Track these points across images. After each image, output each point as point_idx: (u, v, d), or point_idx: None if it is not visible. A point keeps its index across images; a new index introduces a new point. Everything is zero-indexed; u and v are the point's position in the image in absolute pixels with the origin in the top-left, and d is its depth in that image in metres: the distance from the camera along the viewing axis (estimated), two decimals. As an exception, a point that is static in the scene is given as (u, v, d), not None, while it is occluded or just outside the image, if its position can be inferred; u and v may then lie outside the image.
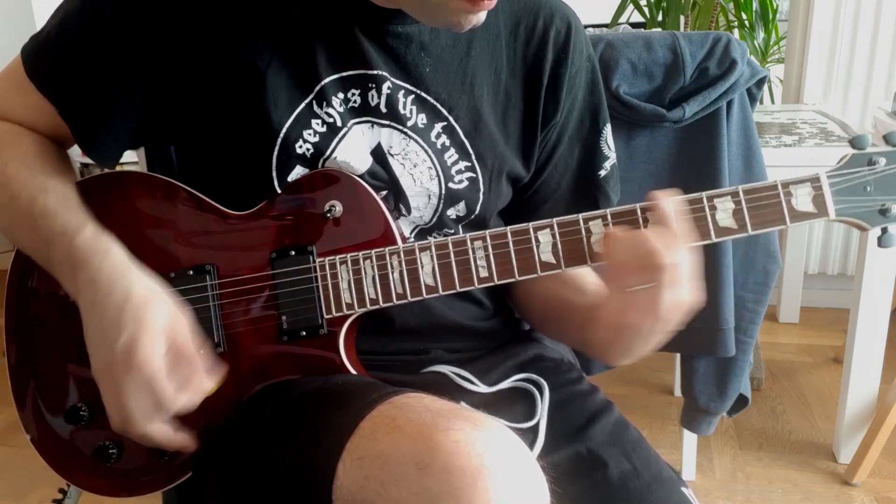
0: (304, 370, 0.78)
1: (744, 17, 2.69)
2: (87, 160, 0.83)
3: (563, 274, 0.83)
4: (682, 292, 0.68)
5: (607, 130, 0.91)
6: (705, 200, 0.71)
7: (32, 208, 0.75)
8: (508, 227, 0.74)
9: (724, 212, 0.70)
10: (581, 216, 0.73)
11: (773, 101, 2.72)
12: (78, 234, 0.73)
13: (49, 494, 1.03)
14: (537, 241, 0.74)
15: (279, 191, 0.79)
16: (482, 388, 0.83)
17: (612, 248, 0.69)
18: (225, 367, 0.76)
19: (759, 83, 1.37)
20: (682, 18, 2.44)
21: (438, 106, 0.81)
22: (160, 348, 0.68)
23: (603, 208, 0.90)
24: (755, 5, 2.67)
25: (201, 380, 0.71)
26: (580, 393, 0.87)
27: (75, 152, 0.87)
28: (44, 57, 0.80)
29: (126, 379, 0.67)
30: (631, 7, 2.51)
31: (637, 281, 0.67)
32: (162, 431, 0.71)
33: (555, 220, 0.73)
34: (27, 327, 0.84)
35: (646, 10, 2.50)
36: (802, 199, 0.70)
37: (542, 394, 0.83)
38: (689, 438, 1.70)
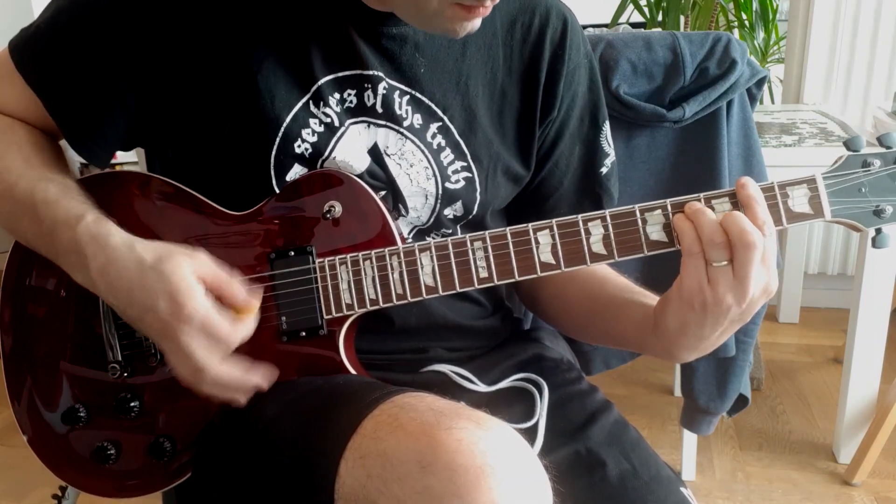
0: (303, 371, 0.78)
1: (744, 17, 2.68)
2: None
3: (598, 273, 0.85)
4: (771, 273, 0.68)
5: (606, 128, 0.91)
6: (703, 202, 0.71)
7: (33, 198, 0.75)
8: (508, 228, 0.74)
9: (721, 213, 0.70)
10: (580, 217, 0.73)
11: (773, 101, 2.72)
12: (80, 221, 0.72)
13: (49, 494, 1.03)
14: (537, 241, 0.74)
15: (277, 191, 0.79)
16: (482, 388, 0.83)
17: (699, 222, 0.68)
18: (259, 288, 0.76)
19: (759, 83, 1.37)
20: (682, 18, 2.44)
21: (433, 106, 0.81)
22: (199, 291, 0.68)
23: (605, 205, 0.91)
24: (755, 5, 2.66)
25: (248, 300, 0.71)
26: (579, 392, 0.87)
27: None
28: (33, 51, 0.79)
29: (183, 332, 0.68)
30: (631, 7, 2.51)
31: (724, 256, 0.67)
32: (235, 372, 0.71)
33: (554, 220, 0.73)
34: (24, 328, 0.84)
35: (646, 10, 2.50)
36: (799, 201, 0.71)
37: (541, 393, 0.83)
38: (689, 438, 1.70)
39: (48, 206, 0.74)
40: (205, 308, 0.68)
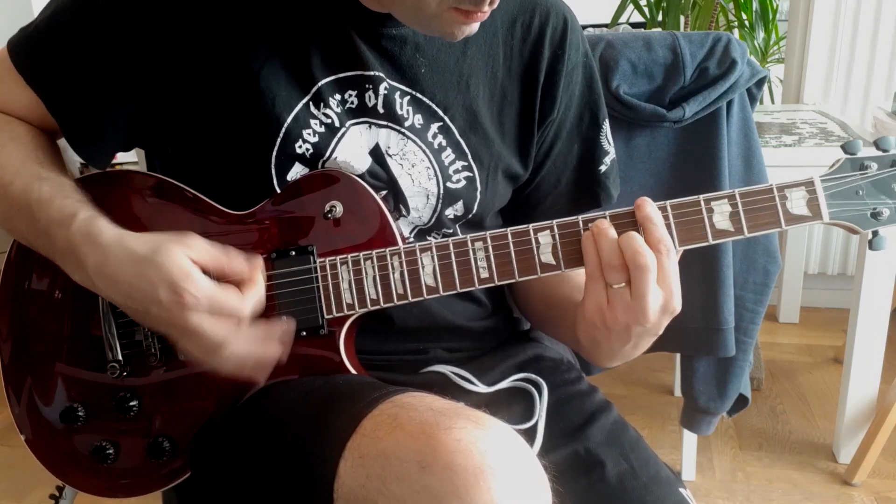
0: (304, 370, 0.78)
1: (744, 17, 2.68)
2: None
3: (564, 274, 0.84)
4: (670, 293, 0.68)
5: (606, 126, 0.92)
6: (703, 203, 0.71)
7: (28, 197, 0.75)
8: (509, 228, 0.74)
9: (720, 214, 0.71)
10: (581, 217, 0.73)
11: (773, 101, 2.72)
12: (73, 220, 0.72)
13: (49, 494, 1.03)
14: (537, 242, 0.74)
15: (278, 190, 0.79)
16: (481, 388, 0.83)
17: (599, 244, 0.70)
18: (258, 256, 0.76)
19: (759, 83, 1.37)
20: (682, 18, 2.44)
21: (434, 106, 0.81)
22: (197, 274, 0.68)
23: (604, 204, 0.91)
24: (755, 5, 2.66)
25: (252, 270, 0.71)
26: (579, 393, 0.87)
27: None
28: (33, 50, 0.79)
29: (190, 317, 0.68)
30: (631, 7, 2.51)
31: (621, 278, 0.68)
32: (253, 345, 0.71)
33: (554, 221, 0.74)
34: (23, 328, 0.84)
35: (646, 10, 2.50)
36: (797, 203, 0.71)
37: (540, 394, 0.83)
38: (689, 438, 1.70)
39: (42, 206, 0.74)
40: (206, 289, 0.68)
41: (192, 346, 0.70)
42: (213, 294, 0.68)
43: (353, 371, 0.78)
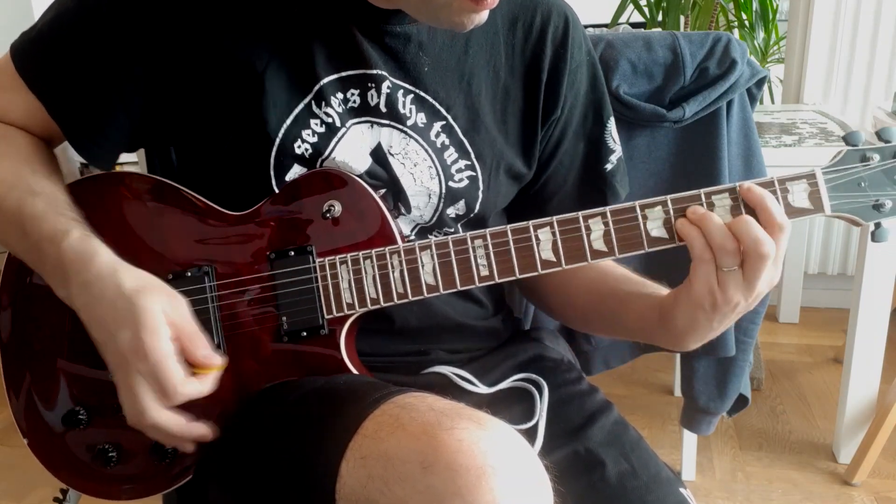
0: (305, 371, 0.78)
1: (744, 17, 2.68)
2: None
3: (601, 266, 0.85)
4: (777, 272, 0.70)
5: (611, 124, 0.91)
6: (703, 197, 0.71)
7: (20, 211, 0.74)
8: (508, 226, 0.74)
9: (722, 208, 0.71)
10: (581, 214, 0.73)
11: (773, 101, 2.72)
12: (65, 238, 0.71)
13: (49, 494, 1.03)
14: (537, 239, 0.74)
15: (277, 191, 0.79)
16: (482, 389, 0.83)
17: (707, 229, 0.69)
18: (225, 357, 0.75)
19: (759, 83, 1.37)
20: (682, 18, 2.44)
21: (437, 105, 0.81)
22: (165, 332, 0.67)
23: (610, 202, 0.91)
24: (755, 5, 2.66)
25: (208, 360, 0.70)
26: (579, 393, 0.87)
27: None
28: (36, 55, 0.79)
29: (134, 370, 0.67)
30: (631, 7, 2.50)
31: (734, 262, 0.68)
32: (174, 420, 0.70)
33: (554, 218, 0.74)
34: (24, 329, 0.84)
35: (646, 10, 2.50)
36: (799, 196, 0.71)
37: (541, 394, 0.83)
38: (689, 438, 1.70)
39: (34, 222, 0.73)
40: (162, 352, 0.66)
41: (123, 396, 0.70)
42: (162, 359, 0.66)
43: (355, 371, 0.78)
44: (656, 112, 1.32)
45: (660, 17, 2.47)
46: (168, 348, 0.67)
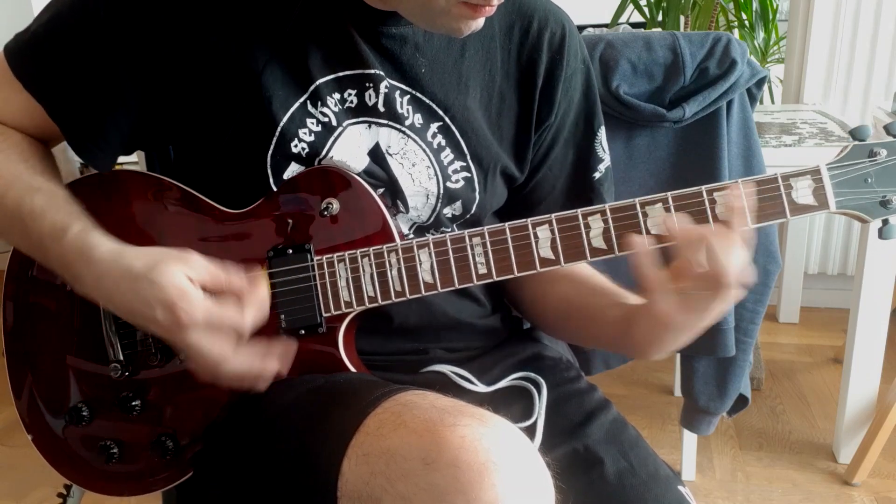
0: (303, 369, 0.78)
1: (744, 17, 2.69)
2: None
3: (576, 276, 0.85)
4: (734, 294, 0.68)
5: (601, 133, 0.92)
6: (705, 194, 0.71)
7: (20, 209, 0.75)
8: (507, 224, 0.74)
9: (724, 206, 0.70)
10: (580, 211, 0.73)
11: (773, 101, 2.73)
12: (65, 234, 0.72)
13: (49, 494, 1.03)
14: (536, 236, 0.74)
15: (275, 189, 0.79)
16: (481, 388, 0.83)
17: (680, 261, 0.68)
18: (259, 268, 0.76)
19: (759, 83, 1.37)
20: (682, 18, 2.44)
21: (434, 106, 0.81)
22: (194, 294, 0.67)
23: None
24: (755, 5, 2.67)
25: (252, 287, 0.71)
26: (578, 391, 0.87)
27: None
28: (35, 57, 0.79)
29: (188, 336, 0.68)
30: (631, 7, 2.51)
31: (698, 287, 0.67)
32: (252, 361, 0.71)
33: (553, 215, 0.74)
34: (27, 327, 0.84)
35: (646, 10, 2.50)
36: (803, 192, 0.70)
37: (540, 392, 0.83)
38: (689, 438, 1.70)
39: (35, 219, 0.74)
40: (203, 309, 0.67)
41: (192, 360, 0.71)
42: (209, 311, 0.67)
43: (354, 369, 0.78)
44: (656, 112, 1.32)
45: (660, 17, 2.47)
46: (205, 303, 0.68)
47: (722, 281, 0.66)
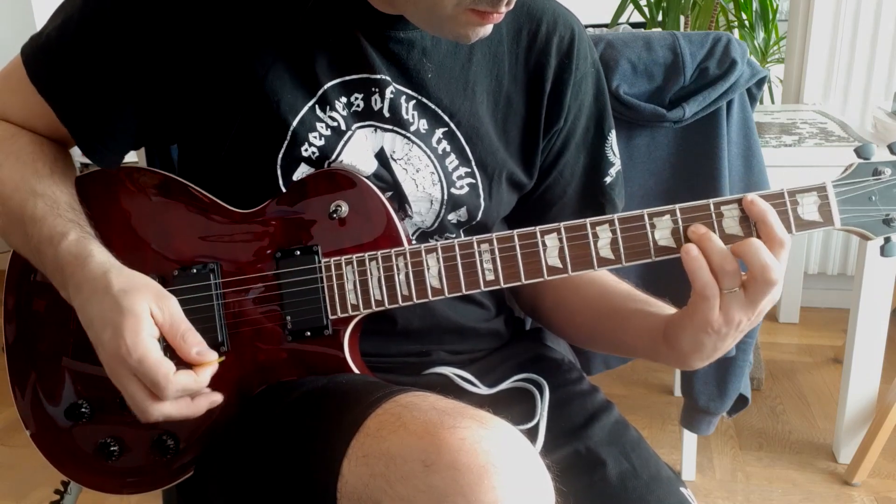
0: (307, 370, 0.78)
1: (744, 17, 2.69)
2: (88, 159, 0.83)
3: (606, 283, 0.84)
4: (779, 289, 0.69)
5: (612, 137, 0.91)
6: (712, 208, 0.71)
7: (22, 213, 0.75)
8: (515, 231, 0.74)
9: (731, 219, 0.71)
10: (588, 221, 0.73)
11: (773, 101, 2.73)
12: (62, 240, 0.72)
13: (50, 494, 1.03)
14: (544, 245, 0.74)
15: (284, 190, 0.79)
16: (483, 390, 0.83)
17: (708, 251, 0.69)
18: (222, 352, 0.75)
19: (759, 83, 1.37)
20: (682, 18, 2.44)
21: (439, 112, 0.81)
22: (148, 330, 0.67)
23: (608, 214, 0.90)
24: (755, 5, 2.67)
25: (200, 356, 0.69)
26: (580, 392, 0.87)
27: (76, 151, 0.87)
28: (46, 60, 0.79)
29: (121, 369, 0.67)
30: (631, 7, 2.51)
31: (735, 283, 0.68)
32: (177, 408, 0.69)
33: (562, 224, 0.73)
34: (28, 324, 0.84)
35: (646, 10, 2.51)
36: (808, 209, 0.71)
37: (542, 393, 0.83)
38: (689, 438, 1.70)
39: (35, 224, 0.74)
40: (143, 348, 0.66)
41: (126, 397, 0.70)
42: (145, 357, 0.66)
43: (357, 371, 0.78)
44: (656, 112, 1.32)
45: (660, 17, 2.48)
46: (150, 345, 0.66)
47: (770, 278, 0.67)
